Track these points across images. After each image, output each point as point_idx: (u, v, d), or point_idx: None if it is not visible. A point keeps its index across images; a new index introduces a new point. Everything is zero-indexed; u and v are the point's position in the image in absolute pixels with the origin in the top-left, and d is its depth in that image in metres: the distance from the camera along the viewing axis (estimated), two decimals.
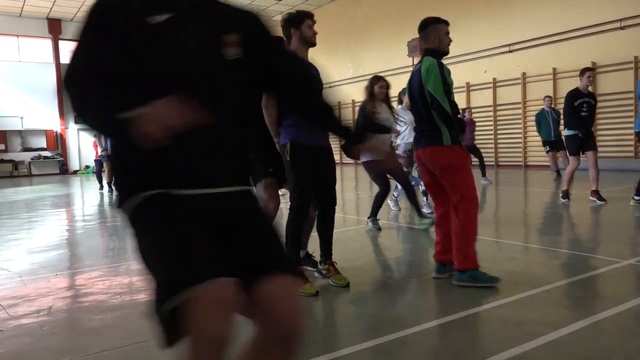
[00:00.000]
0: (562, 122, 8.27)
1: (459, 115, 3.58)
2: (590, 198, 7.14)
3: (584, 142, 7.14)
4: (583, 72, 7.14)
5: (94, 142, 12.40)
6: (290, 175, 3.42)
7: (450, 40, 3.62)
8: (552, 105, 10.55)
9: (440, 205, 3.67)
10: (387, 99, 5.48)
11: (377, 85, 5.42)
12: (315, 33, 3.53)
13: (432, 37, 3.56)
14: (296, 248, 3.48)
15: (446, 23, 3.64)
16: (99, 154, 11.92)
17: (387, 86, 5.48)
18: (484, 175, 10.17)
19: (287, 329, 1.32)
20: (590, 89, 7.33)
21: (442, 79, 3.41)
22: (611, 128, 12.84)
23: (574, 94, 7.10)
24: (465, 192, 3.40)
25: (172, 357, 2.48)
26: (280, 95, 1.90)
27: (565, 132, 7.31)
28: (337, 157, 4.13)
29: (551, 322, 2.69)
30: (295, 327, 1.33)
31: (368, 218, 5.68)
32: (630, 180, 9.98)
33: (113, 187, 11.04)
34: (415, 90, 3.54)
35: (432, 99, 3.39)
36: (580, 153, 7.21)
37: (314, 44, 3.52)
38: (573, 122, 7.09)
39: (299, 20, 3.47)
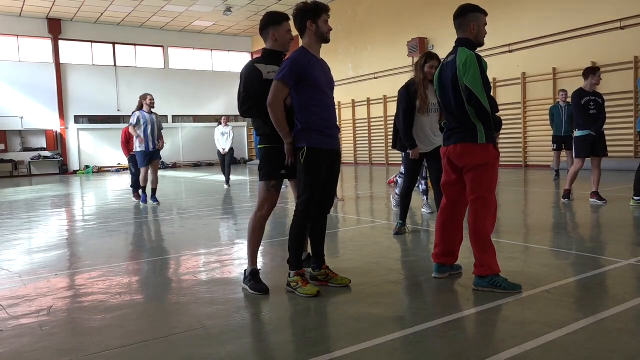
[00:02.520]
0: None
1: (497, 113, 3.38)
2: (590, 200, 7.14)
3: (596, 143, 7.05)
4: (587, 73, 7.06)
5: (128, 135, 9.58)
6: (300, 179, 3.37)
7: (486, 32, 3.42)
8: (567, 100, 10.06)
9: (448, 210, 3.58)
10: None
11: (427, 65, 4.97)
12: (330, 29, 3.39)
13: (471, 27, 3.34)
14: (300, 252, 3.47)
15: (486, 13, 3.41)
16: (149, 147, 8.69)
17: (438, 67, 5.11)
18: None
19: None
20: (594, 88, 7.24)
21: (481, 73, 3.21)
22: (611, 128, 12.82)
23: (579, 93, 7.05)
24: (484, 194, 3.29)
25: (173, 357, 2.49)
26: None
27: (576, 133, 7.22)
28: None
29: (551, 322, 2.69)
30: None
31: (398, 222, 5.42)
32: (631, 180, 9.98)
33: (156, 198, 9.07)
34: (448, 84, 3.34)
35: (469, 94, 3.20)
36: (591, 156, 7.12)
37: (328, 41, 3.39)
38: (583, 121, 7.02)
39: (317, 13, 3.31)
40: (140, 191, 9.20)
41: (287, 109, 3.35)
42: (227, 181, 12.38)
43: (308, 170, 3.32)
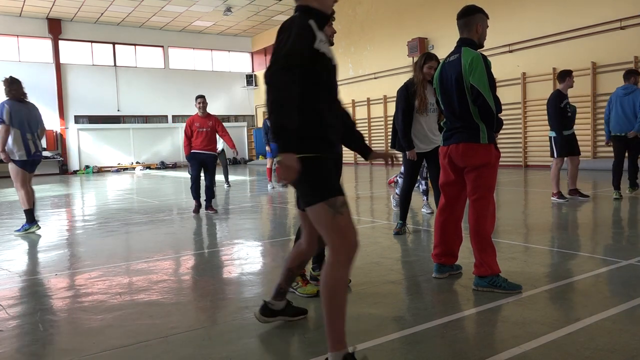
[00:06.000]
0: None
1: (499, 113, 3.43)
2: (569, 196, 7.45)
3: (574, 144, 7.48)
4: (566, 75, 7.28)
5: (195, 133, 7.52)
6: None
7: (486, 35, 3.46)
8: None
9: (447, 210, 3.59)
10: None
11: (426, 65, 4.99)
12: (334, 32, 3.38)
13: (476, 27, 3.35)
14: None
15: (488, 16, 3.44)
16: (30, 152, 6.39)
17: (437, 68, 5.04)
18: None
19: None
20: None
21: (487, 73, 3.24)
22: None
23: (559, 96, 7.27)
24: (485, 194, 3.31)
25: (173, 357, 2.49)
26: None
27: (554, 133, 7.43)
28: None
29: (551, 322, 2.69)
30: None
31: (398, 222, 5.43)
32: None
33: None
34: (451, 83, 3.34)
35: (476, 94, 3.21)
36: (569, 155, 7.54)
37: (332, 44, 3.38)
38: (561, 123, 7.29)
39: None
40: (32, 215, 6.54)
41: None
42: (227, 181, 12.41)
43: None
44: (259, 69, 27.29)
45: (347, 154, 21.25)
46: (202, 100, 7.65)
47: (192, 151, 7.56)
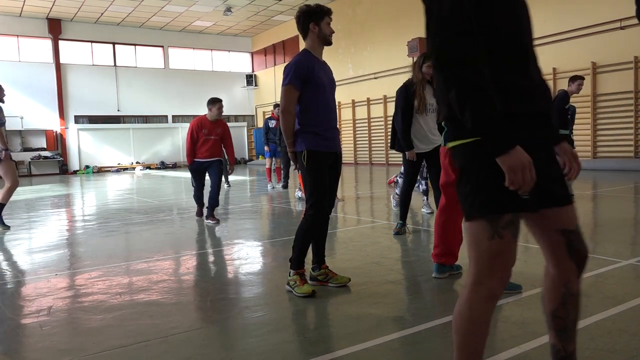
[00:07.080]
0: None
1: None
2: None
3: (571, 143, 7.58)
4: (576, 79, 7.33)
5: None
6: (306, 182, 3.40)
7: None
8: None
9: (447, 210, 3.58)
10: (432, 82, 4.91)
11: (425, 65, 4.95)
12: (333, 32, 3.45)
13: None
14: (303, 253, 3.47)
15: None
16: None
17: None
18: None
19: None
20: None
21: None
22: (611, 128, 12.86)
23: (565, 97, 7.30)
24: None
25: (173, 357, 2.49)
26: None
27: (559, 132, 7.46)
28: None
29: None
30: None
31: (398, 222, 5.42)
32: (631, 180, 9.99)
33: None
34: None
35: None
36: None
37: (330, 43, 3.46)
38: (564, 122, 7.35)
39: (320, 16, 3.38)
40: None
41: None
42: (227, 182, 12.43)
43: (311, 172, 3.35)
44: (259, 69, 27.30)
45: (348, 155, 21.25)
46: (221, 105, 6.74)
47: (195, 160, 6.78)
